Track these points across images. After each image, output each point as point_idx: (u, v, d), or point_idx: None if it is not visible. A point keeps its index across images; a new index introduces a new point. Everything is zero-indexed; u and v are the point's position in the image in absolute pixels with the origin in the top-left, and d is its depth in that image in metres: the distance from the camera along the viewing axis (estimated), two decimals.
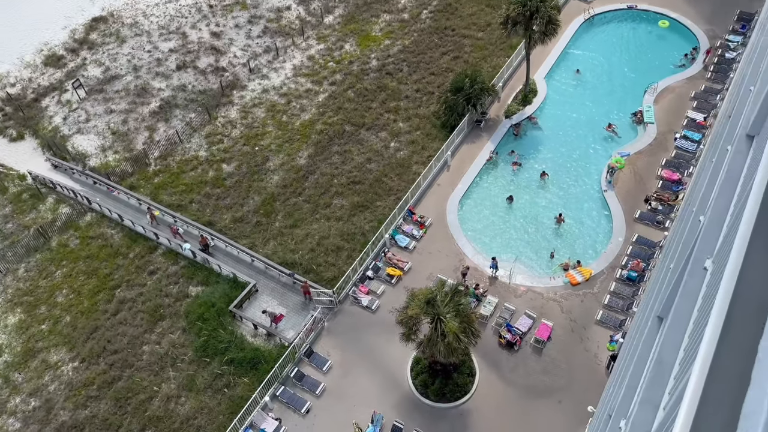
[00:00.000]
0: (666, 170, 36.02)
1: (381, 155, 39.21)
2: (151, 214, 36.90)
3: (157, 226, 36.69)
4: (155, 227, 36.58)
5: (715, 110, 37.77)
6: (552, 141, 39.46)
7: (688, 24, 43.93)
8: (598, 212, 35.49)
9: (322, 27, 48.21)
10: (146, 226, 36.67)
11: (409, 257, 34.09)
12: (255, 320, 32.08)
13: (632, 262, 32.12)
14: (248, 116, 42.68)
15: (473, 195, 37.27)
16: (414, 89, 42.93)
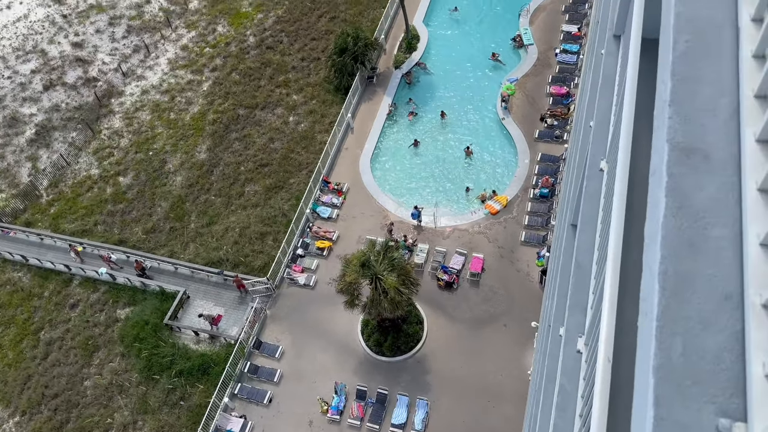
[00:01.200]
0: (554, 86, 37.55)
1: (282, 132, 38.45)
2: (74, 250, 34.45)
3: (83, 262, 34.37)
4: (81, 263, 34.29)
5: (587, 19, 39.50)
6: (444, 81, 40.06)
7: None
8: (501, 140, 36.69)
9: (188, 14, 45.92)
10: (55, 260, 34.45)
11: (335, 226, 34.05)
12: (194, 327, 31.24)
13: (541, 180, 33.62)
14: (133, 122, 40.45)
15: (382, 151, 37.46)
16: (299, 58, 42.06)
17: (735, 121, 2.58)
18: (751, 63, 2.62)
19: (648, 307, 2.25)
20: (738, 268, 2.24)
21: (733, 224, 2.33)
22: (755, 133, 2.41)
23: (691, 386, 2.10)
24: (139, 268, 33.30)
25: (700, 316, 2.17)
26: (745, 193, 2.31)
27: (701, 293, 2.21)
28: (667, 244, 2.30)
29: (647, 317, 2.25)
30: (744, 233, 2.27)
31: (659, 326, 2.15)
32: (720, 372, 2.10)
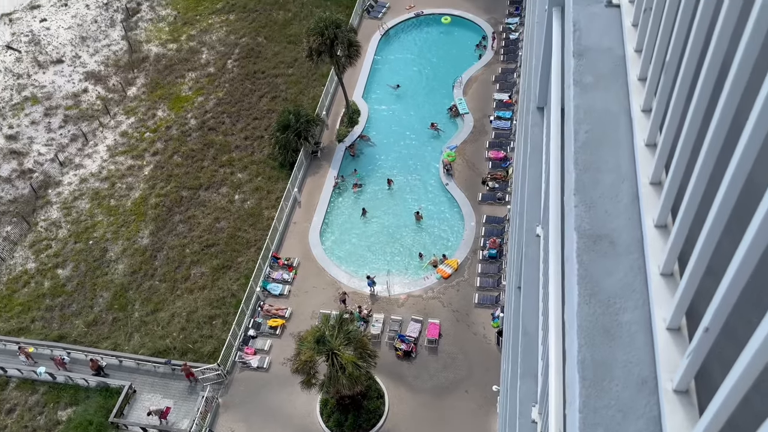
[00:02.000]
0: (492, 151, 39.05)
1: (228, 211, 38.13)
2: (25, 352, 32.18)
3: (35, 364, 32.08)
4: (33, 365, 31.99)
5: (516, 87, 41.75)
6: (387, 152, 41.07)
7: (471, 18, 48.13)
8: (446, 204, 37.52)
9: (127, 101, 45.94)
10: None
11: (287, 303, 33.43)
12: (141, 423, 29.44)
13: (489, 241, 34.32)
14: (72, 212, 39.33)
15: (331, 223, 37.58)
16: (242, 138, 42.39)
17: (636, 206, 2.76)
18: (645, 151, 2.83)
19: (571, 397, 2.30)
20: (651, 353, 2.33)
21: (642, 307, 2.44)
22: (654, 219, 2.57)
23: None
24: (94, 367, 31.23)
25: (619, 404, 2.23)
26: (650, 277, 2.44)
27: (619, 380, 2.28)
28: (583, 332, 2.38)
29: (571, 407, 2.29)
30: (652, 317, 2.38)
31: (582, 417, 2.19)
32: None
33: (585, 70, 3.31)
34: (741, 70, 2.07)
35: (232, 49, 48.29)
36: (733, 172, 2.04)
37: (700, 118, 2.55)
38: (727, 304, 1.90)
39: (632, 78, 3.16)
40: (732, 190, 2.08)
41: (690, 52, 2.67)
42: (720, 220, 2.17)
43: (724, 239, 2.26)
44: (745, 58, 1.99)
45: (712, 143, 2.33)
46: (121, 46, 49.64)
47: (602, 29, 3.53)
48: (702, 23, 2.60)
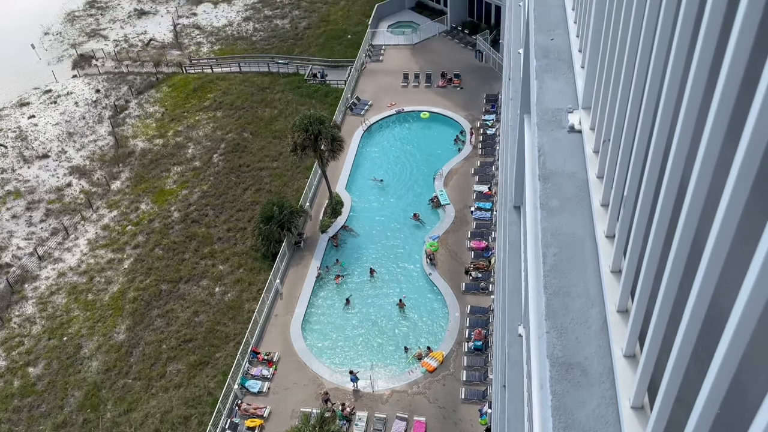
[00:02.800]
0: (474, 241, 39.47)
1: (208, 304, 37.48)
2: None
3: None
4: None
5: (495, 179, 42.91)
6: (370, 242, 41.30)
7: (450, 114, 50.22)
8: (430, 295, 37.32)
9: (110, 194, 46.22)
10: None
11: (266, 401, 32.19)
12: None
13: (474, 333, 33.89)
14: (48, 307, 38.38)
15: (313, 315, 37.00)
16: (225, 229, 42.48)
17: (605, 333, 2.80)
18: (610, 278, 2.91)
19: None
20: None
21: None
22: (622, 348, 2.61)
23: None
24: None
25: None
26: (621, 410, 2.44)
27: None
28: None
29: None
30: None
31: None
32: None
33: (551, 194, 3.46)
34: (695, 200, 2.18)
35: (219, 143, 49.44)
36: (695, 299, 2.10)
37: (660, 245, 2.66)
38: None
39: (595, 203, 3.31)
40: (696, 316, 2.13)
41: (647, 181, 2.82)
42: (686, 349, 2.20)
43: (692, 368, 2.29)
44: (698, 187, 2.11)
45: (673, 272, 2.41)
46: (108, 141, 50.61)
47: (566, 154, 3.72)
48: (656, 154, 2.76)
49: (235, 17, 64.33)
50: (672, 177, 2.52)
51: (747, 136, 1.69)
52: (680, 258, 2.34)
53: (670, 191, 2.53)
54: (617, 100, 3.21)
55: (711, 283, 2.05)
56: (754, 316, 1.67)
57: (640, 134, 2.96)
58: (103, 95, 55.01)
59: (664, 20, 2.52)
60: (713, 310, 2.13)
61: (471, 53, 55.32)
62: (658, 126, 2.68)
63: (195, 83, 55.41)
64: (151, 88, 55.71)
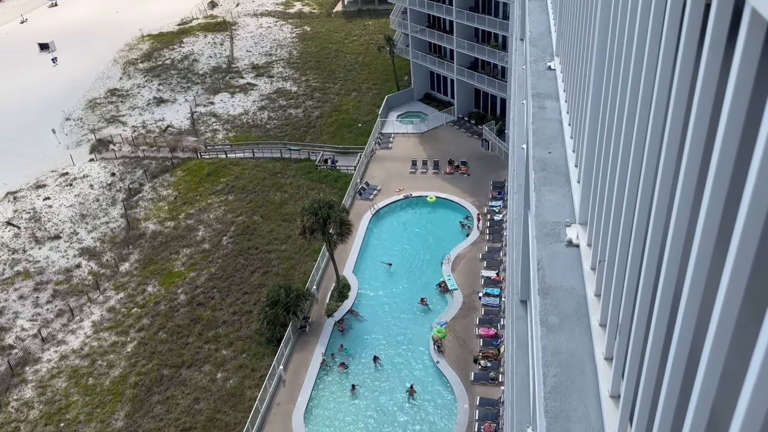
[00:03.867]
0: (482, 328, 38.83)
1: (209, 391, 36.56)
2: None
3: None
4: None
5: (503, 265, 42.79)
6: (377, 327, 40.71)
7: (457, 200, 50.93)
8: (438, 384, 36.26)
9: (118, 276, 46.38)
10: None
11: None
12: None
13: (484, 427, 32.61)
14: (47, 391, 37.57)
15: (317, 404, 35.90)
16: (230, 312, 42.15)
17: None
18: (609, 404, 2.88)
19: None
20: None
21: None
22: None
23: None
24: None
25: None
26: None
27: None
28: None
29: None
30: None
31: None
32: None
33: (550, 310, 3.48)
34: (685, 327, 2.19)
35: (229, 226, 50.08)
36: (691, 425, 2.07)
37: (655, 369, 2.65)
38: None
39: (594, 323, 3.32)
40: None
41: (640, 304, 2.84)
42: None
43: None
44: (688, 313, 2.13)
45: (668, 399, 2.39)
46: (120, 223, 51.42)
47: (564, 268, 3.78)
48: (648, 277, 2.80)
49: (250, 106, 67.01)
50: (663, 301, 2.56)
51: (732, 256, 1.73)
52: (675, 381, 2.33)
53: (662, 314, 2.56)
54: (611, 220, 3.29)
55: (706, 404, 2.04)
56: None
57: (632, 256, 3.01)
58: (118, 178, 56.48)
59: (651, 142, 2.64)
60: None
61: (477, 142, 56.89)
62: (649, 249, 2.74)
63: (209, 168, 56.93)
64: (166, 172, 57.23)
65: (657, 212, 2.66)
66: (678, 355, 2.31)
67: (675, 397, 2.38)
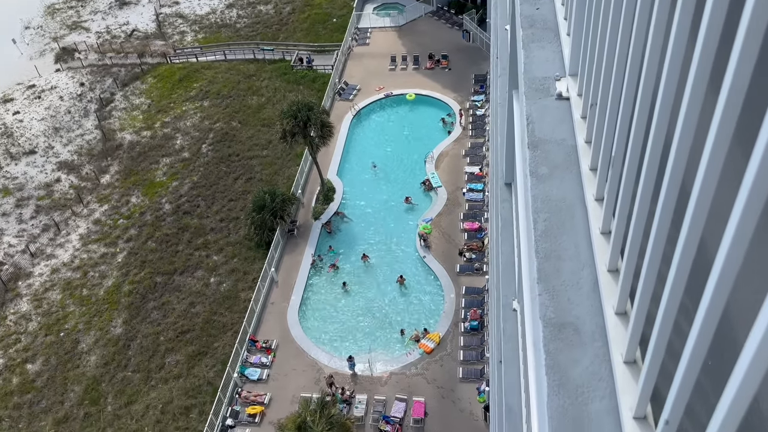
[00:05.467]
0: (466, 222, 39.59)
1: (203, 295, 37.50)
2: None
3: None
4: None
5: (486, 160, 42.94)
6: (363, 227, 41.33)
7: (439, 96, 50.05)
8: (425, 277, 37.48)
9: (100, 188, 45.92)
10: None
11: (266, 388, 32.37)
12: None
13: (470, 313, 34.13)
14: (43, 303, 38.28)
15: (309, 302, 37.11)
16: (218, 220, 42.37)
17: (597, 293, 2.84)
18: (600, 239, 2.95)
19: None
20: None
21: (609, 396, 2.48)
22: (613, 306, 2.65)
23: None
24: None
25: None
26: (614, 366, 2.49)
27: None
28: (554, 424, 2.39)
29: None
30: (619, 406, 2.41)
31: None
32: None
33: (540, 161, 3.49)
34: (678, 160, 2.22)
35: (207, 134, 49.11)
36: (681, 252, 2.15)
37: (647, 204, 2.70)
38: (684, 391, 1.95)
39: (584, 168, 3.34)
40: (682, 270, 2.18)
41: (633, 141, 2.85)
42: (674, 301, 2.25)
43: (682, 320, 2.33)
44: (682, 142, 2.15)
45: (660, 228, 2.45)
46: (95, 135, 50.18)
47: (554, 121, 3.75)
48: (642, 116, 2.79)
49: (218, 5, 63.60)
50: (657, 135, 2.55)
51: (726, 89, 1.72)
52: (667, 214, 2.38)
53: (656, 149, 2.57)
54: (603, 64, 3.22)
55: (696, 235, 2.09)
56: (736, 266, 1.71)
57: (625, 96, 2.98)
58: (88, 88, 54.43)
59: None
60: (699, 263, 2.17)
61: (458, 33, 55.04)
62: (643, 86, 2.71)
63: (180, 73, 54.90)
64: (136, 79, 55.16)
65: (652, 50, 2.59)
66: (670, 190, 2.33)
67: (666, 230, 2.43)
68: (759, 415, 1.69)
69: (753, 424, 1.72)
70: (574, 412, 2.45)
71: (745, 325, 1.91)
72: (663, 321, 2.25)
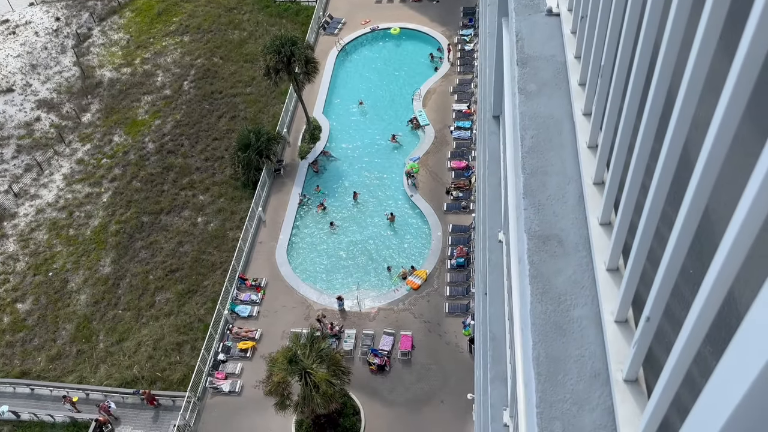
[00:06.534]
0: (454, 161, 39.50)
1: (191, 234, 37.53)
2: (69, 400, 30.20)
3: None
4: None
5: (474, 97, 42.42)
6: (350, 167, 41.13)
7: (427, 31, 48.81)
8: (412, 215, 37.71)
9: (82, 127, 44.95)
10: None
11: (256, 324, 32.99)
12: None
13: (456, 250, 34.59)
14: (29, 243, 38.15)
15: (298, 240, 37.33)
16: (202, 159, 41.89)
17: (582, 206, 2.86)
18: (587, 153, 2.95)
19: (529, 394, 2.37)
20: (601, 346, 2.42)
21: (592, 302, 2.54)
22: (598, 217, 2.68)
23: None
24: (103, 421, 29.61)
25: (574, 397, 2.30)
26: (597, 273, 2.54)
27: (572, 374, 2.36)
28: (537, 329, 2.46)
29: (529, 404, 2.36)
30: (600, 312, 2.47)
31: (539, 412, 2.26)
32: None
33: (528, 78, 3.44)
34: (664, 71, 2.20)
35: (188, 70, 47.82)
36: (664, 162, 2.16)
37: (633, 117, 2.69)
38: (664, 291, 1.99)
39: (573, 84, 3.30)
40: (664, 179, 2.19)
41: (622, 53, 2.81)
42: (655, 209, 2.27)
43: (663, 229, 2.37)
44: (667, 60, 2.12)
45: (645, 138, 2.45)
46: (74, 72, 48.68)
47: (544, 38, 3.67)
48: (630, 28, 2.74)
49: None
50: (644, 46, 2.51)
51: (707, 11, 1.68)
52: (651, 125, 2.37)
53: (643, 61, 2.53)
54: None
55: (677, 146, 2.09)
56: (710, 181, 1.72)
57: (615, 7, 2.91)
58: (64, 23, 52.37)
59: None
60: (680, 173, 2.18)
61: None
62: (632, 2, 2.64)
63: (159, 6, 52.86)
64: (114, 14, 53.08)
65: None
66: (655, 102, 2.30)
67: (650, 144, 2.43)
68: (734, 312, 1.74)
69: (730, 323, 1.77)
70: (557, 317, 2.51)
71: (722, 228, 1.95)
72: (645, 228, 2.28)
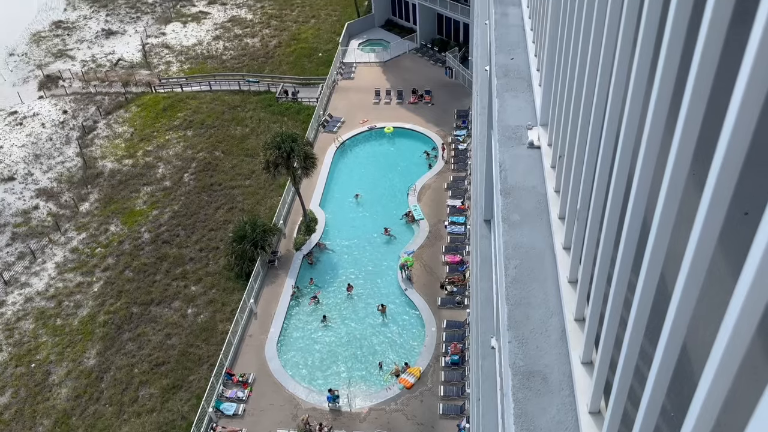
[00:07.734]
0: (448, 255, 39.71)
1: (180, 326, 36.87)
2: None
3: None
4: None
5: (468, 193, 43.34)
6: (344, 259, 41.22)
7: (422, 130, 50.69)
8: (406, 310, 37.33)
9: (79, 216, 45.34)
10: None
11: (241, 423, 31.68)
12: None
13: (450, 347, 33.97)
14: (14, 333, 37.31)
15: (288, 334, 36.67)
16: (197, 249, 41.96)
17: (565, 341, 2.91)
18: (568, 288, 3.03)
19: None
20: None
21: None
22: (579, 356, 2.71)
23: None
24: None
25: None
26: (579, 416, 2.54)
27: None
28: None
29: None
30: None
31: None
32: None
33: (512, 208, 3.59)
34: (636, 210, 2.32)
35: (189, 163, 49.01)
36: (639, 299, 2.22)
37: (610, 251, 2.79)
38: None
39: (553, 216, 3.44)
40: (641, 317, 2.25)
41: (596, 193, 2.96)
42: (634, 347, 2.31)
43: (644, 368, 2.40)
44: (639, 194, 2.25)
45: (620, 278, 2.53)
46: (76, 162, 49.80)
47: (526, 169, 3.87)
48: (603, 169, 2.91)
49: (204, 36, 64.22)
50: (617, 188, 2.66)
51: (674, 152, 1.83)
52: (626, 263, 2.46)
53: (616, 202, 2.67)
54: (570, 117, 3.35)
55: (653, 281, 2.18)
56: (687, 314, 1.80)
57: (589, 150, 3.10)
58: (71, 116, 54.21)
59: (607, 45, 2.67)
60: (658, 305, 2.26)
61: (441, 70, 56.13)
62: (604, 143, 2.82)
63: (164, 103, 55.01)
64: (120, 108, 55.11)
65: (612, 109, 2.72)
66: (629, 240, 2.42)
67: (627, 276, 2.52)
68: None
69: None
70: None
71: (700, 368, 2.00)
72: (625, 366, 2.31)
